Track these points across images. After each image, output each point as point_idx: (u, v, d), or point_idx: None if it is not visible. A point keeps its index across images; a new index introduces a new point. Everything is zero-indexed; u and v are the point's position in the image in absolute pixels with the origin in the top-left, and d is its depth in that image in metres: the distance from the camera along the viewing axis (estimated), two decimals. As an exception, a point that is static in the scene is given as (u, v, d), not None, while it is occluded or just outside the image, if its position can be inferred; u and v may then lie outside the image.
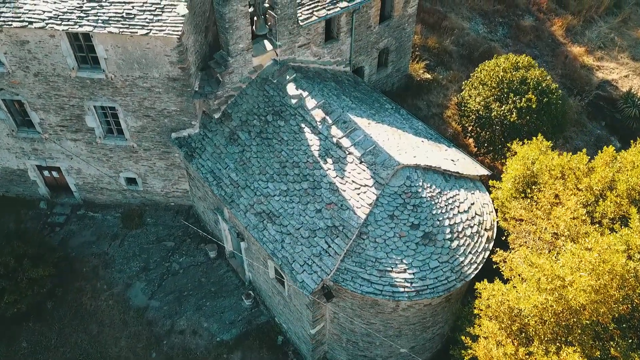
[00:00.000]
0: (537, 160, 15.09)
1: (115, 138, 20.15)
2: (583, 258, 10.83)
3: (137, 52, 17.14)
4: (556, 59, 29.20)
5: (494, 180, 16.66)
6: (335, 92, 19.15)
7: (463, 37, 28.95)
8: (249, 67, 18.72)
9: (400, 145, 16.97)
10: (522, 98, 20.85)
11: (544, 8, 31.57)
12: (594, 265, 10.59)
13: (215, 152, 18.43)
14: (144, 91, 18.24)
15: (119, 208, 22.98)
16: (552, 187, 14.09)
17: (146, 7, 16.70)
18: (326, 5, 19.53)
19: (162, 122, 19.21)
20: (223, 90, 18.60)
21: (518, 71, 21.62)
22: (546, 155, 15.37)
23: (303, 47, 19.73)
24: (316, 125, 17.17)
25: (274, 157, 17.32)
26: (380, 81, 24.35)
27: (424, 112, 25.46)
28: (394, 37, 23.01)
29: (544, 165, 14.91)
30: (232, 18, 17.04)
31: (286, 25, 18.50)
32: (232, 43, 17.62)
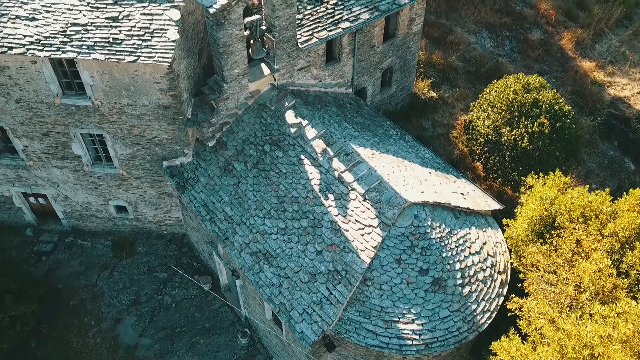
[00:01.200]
0: (555, 200, 13.94)
1: (103, 166, 19.01)
2: (616, 326, 9.72)
3: (125, 79, 16.01)
4: (566, 74, 28.07)
5: (507, 219, 15.52)
6: (336, 118, 18.01)
7: (469, 52, 27.82)
8: (245, 93, 17.59)
9: (407, 179, 15.84)
10: (534, 122, 19.73)
11: (552, 21, 30.45)
12: (629, 337, 9.47)
13: (209, 184, 17.29)
14: (133, 119, 17.11)
15: (109, 236, 21.84)
16: (573, 232, 12.95)
17: (134, 32, 15.56)
18: (327, 26, 18.40)
19: (152, 151, 18.08)
20: (217, 118, 17.47)
21: (529, 93, 20.51)
22: (565, 194, 14.22)
23: (303, 70, 18.60)
24: (317, 157, 16.04)
25: (272, 191, 16.18)
26: (383, 101, 23.24)
27: (429, 133, 24.35)
28: (398, 55, 21.89)
29: (562, 205, 13.77)
30: (227, 43, 15.91)
31: (285, 48, 17.37)
32: (226, 68, 16.49)
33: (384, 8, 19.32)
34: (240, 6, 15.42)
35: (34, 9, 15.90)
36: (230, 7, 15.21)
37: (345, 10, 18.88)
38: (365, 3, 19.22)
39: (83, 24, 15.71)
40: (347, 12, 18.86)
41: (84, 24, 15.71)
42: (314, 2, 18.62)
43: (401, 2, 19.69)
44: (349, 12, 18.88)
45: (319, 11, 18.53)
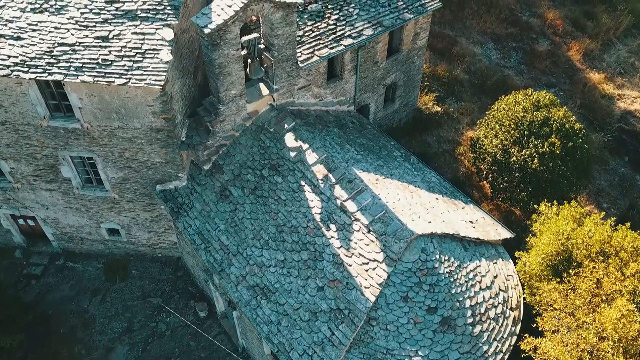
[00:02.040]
0: (571, 235, 13.08)
1: (94, 189, 18.16)
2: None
3: (115, 102, 15.16)
4: (574, 86, 27.22)
5: (520, 251, 14.67)
6: (338, 140, 17.16)
7: (475, 65, 26.97)
8: (242, 114, 16.73)
9: (413, 207, 14.99)
10: (545, 142, 18.89)
11: (559, 31, 29.60)
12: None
13: (204, 210, 16.44)
14: (125, 142, 16.26)
15: (102, 258, 20.99)
16: (592, 272, 12.10)
17: (125, 52, 14.70)
18: (328, 43, 17.55)
19: (145, 174, 17.22)
20: (213, 140, 16.62)
21: (539, 111, 19.66)
22: (582, 226, 13.37)
23: (303, 89, 17.75)
24: (318, 183, 15.19)
25: (270, 220, 15.32)
26: (386, 117, 22.40)
27: (434, 149, 23.50)
28: (403, 71, 21.05)
29: (580, 239, 12.92)
30: (223, 63, 15.06)
31: (284, 67, 16.52)
32: (223, 90, 15.64)
33: (388, 23, 18.48)
34: (237, 25, 14.57)
35: (20, 27, 15.05)
36: (226, 27, 14.36)
37: (347, 26, 18.04)
38: (368, 18, 18.38)
39: (71, 43, 14.86)
40: (350, 28, 18.02)
41: (71, 44, 14.85)
42: (315, 18, 17.78)
43: (406, 17, 18.85)
44: (351, 27, 18.04)
45: (320, 27, 17.69)
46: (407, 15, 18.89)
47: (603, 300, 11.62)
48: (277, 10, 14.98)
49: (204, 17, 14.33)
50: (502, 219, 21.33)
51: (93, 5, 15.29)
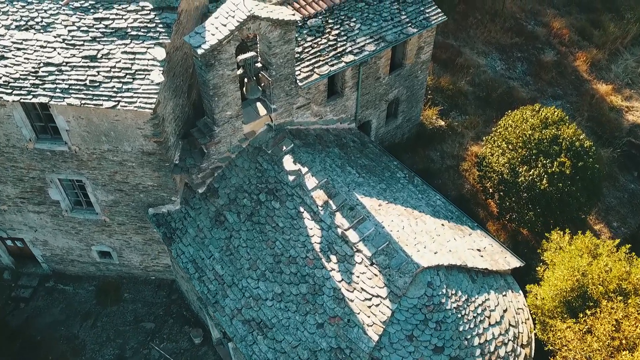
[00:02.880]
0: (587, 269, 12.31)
1: (84, 211, 17.38)
2: None
3: (104, 125, 14.39)
4: (581, 98, 26.45)
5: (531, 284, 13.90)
6: (339, 162, 16.39)
7: (479, 76, 26.21)
8: (238, 135, 15.97)
9: (418, 235, 14.22)
10: (554, 162, 18.12)
11: (565, 40, 28.84)
12: None
13: (198, 236, 15.67)
14: (115, 165, 15.49)
15: (93, 280, 20.21)
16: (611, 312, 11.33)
17: (114, 73, 13.93)
18: (329, 60, 16.78)
19: (137, 197, 16.45)
20: (208, 163, 15.85)
21: (548, 128, 18.89)
22: (598, 259, 12.60)
23: (302, 108, 16.98)
24: (317, 210, 14.42)
25: (267, 249, 14.55)
26: (389, 133, 21.63)
27: (438, 165, 22.74)
28: (406, 86, 20.28)
29: (595, 275, 12.15)
30: (218, 84, 14.30)
31: (282, 86, 15.75)
32: (218, 111, 14.87)
33: (391, 38, 17.71)
34: (232, 45, 13.81)
35: (4, 46, 14.29)
36: (221, 47, 13.60)
37: (348, 41, 17.28)
38: (370, 33, 17.62)
39: (57, 63, 14.09)
40: (351, 44, 17.25)
41: (58, 64, 14.08)
42: (315, 33, 17.02)
43: (409, 32, 18.09)
44: (352, 43, 17.28)
45: (320, 43, 16.93)
46: (411, 29, 18.13)
47: (623, 345, 10.85)
48: (274, 29, 14.22)
49: (197, 36, 13.56)
50: (509, 239, 20.59)
51: (81, 22, 14.52)
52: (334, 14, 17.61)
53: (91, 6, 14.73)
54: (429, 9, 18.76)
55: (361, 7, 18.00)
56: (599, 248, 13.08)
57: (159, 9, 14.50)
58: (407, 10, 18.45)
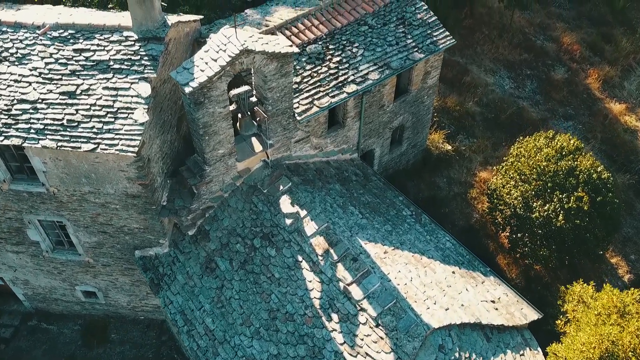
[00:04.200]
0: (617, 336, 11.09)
1: (66, 252, 16.16)
2: None
3: (83, 167, 13.17)
4: (594, 119, 25.23)
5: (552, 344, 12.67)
6: (340, 200, 15.16)
7: (487, 96, 24.98)
8: (232, 173, 14.74)
9: (428, 289, 13.00)
10: (571, 196, 16.90)
11: (576, 56, 27.60)
12: None
13: (187, 284, 14.44)
14: (97, 207, 14.27)
15: (79, 319, 19.00)
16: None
17: (94, 112, 12.70)
18: (329, 90, 15.55)
19: (122, 239, 15.23)
20: (199, 203, 14.63)
21: (563, 159, 17.65)
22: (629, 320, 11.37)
23: (301, 142, 15.76)
24: (317, 260, 13.19)
25: (262, 302, 13.32)
26: (393, 160, 20.40)
27: (444, 192, 21.51)
28: (411, 112, 19.06)
29: (627, 341, 10.93)
30: (208, 123, 13.08)
31: (279, 121, 14.54)
32: (208, 150, 13.65)
33: (396, 65, 16.49)
34: (224, 81, 12.58)
35: (-26, 80, 13.07)
36: (211, 84, 12.37)
37: (350, 69, 16.06)
38: (374, 59, 16.40)
39: (32, 100, 12.87)
40: (353, 72, 16.03)
41: (33, 101, 12.86)
42: (314, 61, 15.80)
43: (416, 57, 16.86)
44: (355, 71, 16.05)
45: (320, 72, 15.70)
46: (417, 55, 16.90)
47: None
48: (270, 62, 12.99)
49: (185, 72, 12.33)
50: (521, 274, 19.38)
51: (59, 54, 13.30)
52: (334, 38, 16.40)
53: (71, 36, 13.51)
54: (436, 32, 17.54)
55: (364, 31, 16.78)
56: (629, 306, 11.84)
57: (144, 39, 13.28)
58: (413, 33, 17.23)
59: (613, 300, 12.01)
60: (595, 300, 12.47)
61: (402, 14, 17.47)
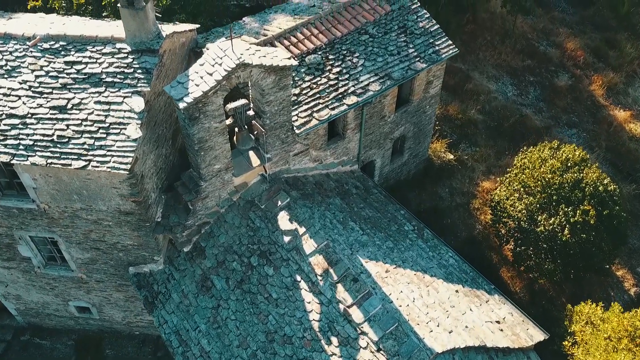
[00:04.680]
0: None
1: (58, 268, 15.72)
2: None
3: (75, 183, 12.73)
4: (599, 126, 24.80)
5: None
6: (340, 216, 14.72)
7: (490, 103, 24.54)
8: (228, 188, 14.31)
9: (430, 310, 12.57)
10: (577, 210, 16.48)
11: (580, 63, 27.17)
12: None
13: (182, 303, 14.01)
14: (90, 224, 13.83)
15: (72, 334, 18.56)
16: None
17: (85, 127, 12.26)
18: (329, 102, 15.12)
19: (116, 256, 14.79)
20: (194, 219, 14.19)
21: (568, 172, 17.22)
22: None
23: (300, 155, 15.32)
24: (316, 280, 12.75)
25: (259, 324, 12.89)
26: (394, 171, 19.97)
27: (447, 203, 21.08)
28: (413, 122, 18.62)
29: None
30: (204, 138, 12.64)
31: (278, 134, 14.10)
32: (204, 166, 13.22)
33: (398, 75, 16.05)
34: (219, 95, 12.14)
35: (-39, 94, 12.63)
36: (206, 99, 11.93)
37: (351, 80, 15.62)
38: (375, 70, 15.96)
39: (21, 115, 12.43)
40: (354, 83, 15.59)
41: (22, 116, 12.42)
42: (314, 72, 15.36)
43: (417, 68, 16.43)
44: (355, 82, 15.62)
45: (319, 83, 15.27)
46: (420, 65, 16.47)
47: None
48: (268, 75, 12.55)
49: (179, 87, 11.89)
50: (525, 287, 18.96)
51: (50, 66, 12.86)
52: (334, 48, 15.96)
53: (62, 47, 13.07)
54: (438, 41, 17.10)
55: (365, 40, 16.35)
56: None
57: (138, 51, 12.84)
58: (415, 42, 16.80)
59: (624, 324, 11.58)
60: (604, 322, 12.04)
61: (404, 23, 17.04)
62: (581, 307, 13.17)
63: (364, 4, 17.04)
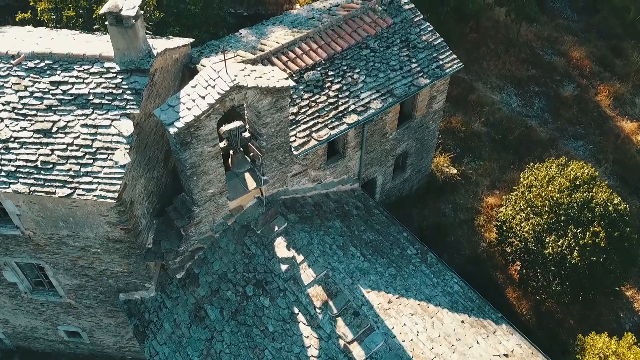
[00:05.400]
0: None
1: (46, 293, 15.08)
2: None
3: (60, 210, 12.07)
4: (605, 138, 24.15)
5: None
6: (340, 240, 14.07)
7: (494, 115, 23.88)
8: (223, 212, 13.65)
9: (435, 344, 11.92)
10: (586, 231, 15.83)
11: (586, 72, 26.52)
12: None
13: (174, 334, 13.35)
14: (77, 250, 13.18)
15: (63, 358, 17.91)
16: None
17: (71, 152, 11.61)
18: (329, 121, 14.46)
19: (105, 282, 14.14)
20: (187, 245, 13.54)
21: (577, 191, 16.57)
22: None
23: (298, 176, 14.68)
24: (315, 313, 12.10)
25: (254, 358, 12.22)
26: (395, 188, 19.32)
27: (450, 219, 20.43)
28: (415, 138, 17.97)
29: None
30: (196, 163, 11.98)
31: (275, 156, 13.44)
32: (197, 191, 12.56)
33: (400, 92, 15.40)
34: (213, 119, 11.48)
35: (-59, 116, 11.98)
36: (199, 123, 11.27)
37: (351, 97, 14.97)
38: (376, 87, 15.31)
39: (4, 139, 11.78)
40: (354, 100, 14.94)
41: (4, 140, 11.77)
42: (313, 89, 14.71)
43: (421, 83, 15.78)
44: (356, 99, 14.97)
45: (318, 101, 14.61)
46: (423, 80, 15.82)
47: None
48: (264, 97, 11.90)
49: (170, 110, 11.23)
50: (532, 309, 18.31)
51: (35, 87, 12.21)
52: (334, 64, 15.31)
53: (47, 67, 12.42)
54: (442, 55, 16.46)
55: (366, 55, 15.69)
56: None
57: (127, 71, 12.18)
58: (418, 57, 16.15)
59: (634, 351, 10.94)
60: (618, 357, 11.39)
61: (406, 36, 16.40)
62: (593, 339, 12.51)
63: (365, 17, 16.40)
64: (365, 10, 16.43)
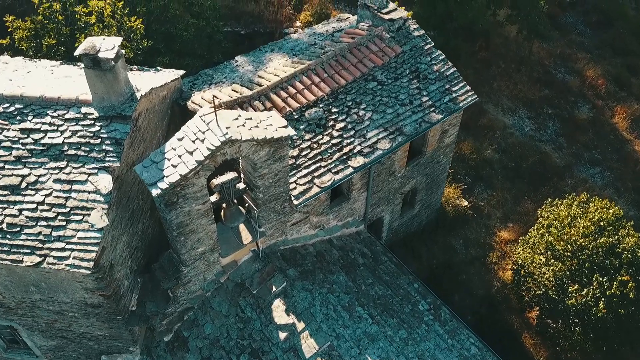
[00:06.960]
0: None
1: (22, 353, 13.69)
2: None
3: (30, 276, 10.69)
4: (624, 164, 22.81)
5: None
6: (346, 299, 12.70)
7: (506, 140, 22.54)
8: (215, 269, 12.28)
9: None
10: (613, 280, 14.50)
11: (602, 92, 25.19)
12: None
13: (162, 407, 11.99)
14: (52, 314, 11.80)
15: (43, 412, 16.50)
16: None
17: (41, 213, 10.23)
18: (332, 165, 13.09)
19: (85, 344, 12.77)
20: (175, 306, 12.17)
21: (602, 235, 15.23)
22: None
23: (299, 224, 13.32)
24: (318, 391, 10.73)
25: None
26: (404, 225, 17.97)
27: (461, 256, 19.08)
28: (425, 174, 16.63)
29: None
30: (184, 222, 10.61)
31: (273, 206, 12.08)
32: (185, 250, 11.19)
33: (410, 130, 14.05)
34: (202, 176, 10.11)
35: None
36: (185, 182, 9.90)
37: (357, 137, 13.61)
38: (384, 124, 13.96)
39: (-35, 197, 10.41)
40: (360, 140, 13.58)
41: (-34, 198, 10.40)
42: (315, 129, 13.34)
43: (432, 120, 14.43)
44: (362, 139, 13.61)
45: (321, 142, 13.25)
46: (435, 116, 14.47)
47: None
48: (261, 149, 10.54)
49: (152, 167, 9.85)
50: (550, 357, 16.95)
51: (3, 135, 10.84)
52: (338, 99, 13.95)
53: (18, 111, 11.05)
54: (455, 87, 15.13)
55: (372, 89, 14.34)
56: None
57: (107, 118, 10.82)
58: (429, 89, 14.80)
59: None
60: None
61: (416, 66, 15.05)
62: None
63: (371, 45, 15.04)
64: (371, 38, 15.08)
